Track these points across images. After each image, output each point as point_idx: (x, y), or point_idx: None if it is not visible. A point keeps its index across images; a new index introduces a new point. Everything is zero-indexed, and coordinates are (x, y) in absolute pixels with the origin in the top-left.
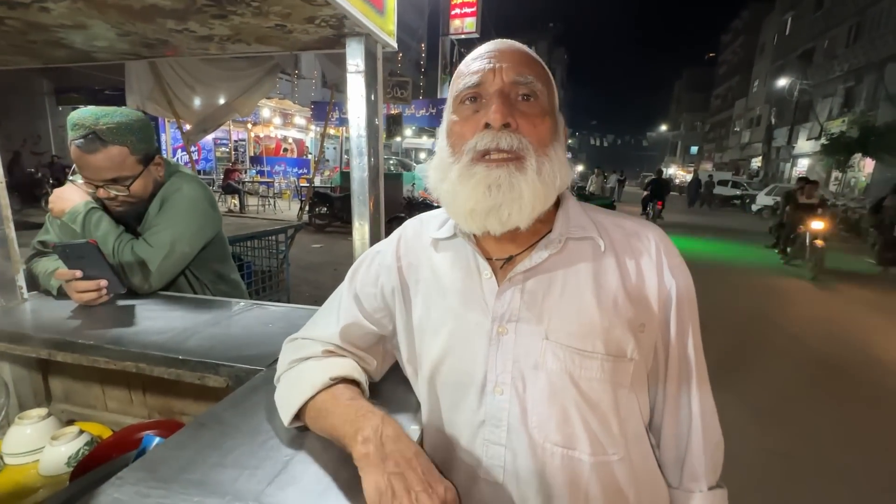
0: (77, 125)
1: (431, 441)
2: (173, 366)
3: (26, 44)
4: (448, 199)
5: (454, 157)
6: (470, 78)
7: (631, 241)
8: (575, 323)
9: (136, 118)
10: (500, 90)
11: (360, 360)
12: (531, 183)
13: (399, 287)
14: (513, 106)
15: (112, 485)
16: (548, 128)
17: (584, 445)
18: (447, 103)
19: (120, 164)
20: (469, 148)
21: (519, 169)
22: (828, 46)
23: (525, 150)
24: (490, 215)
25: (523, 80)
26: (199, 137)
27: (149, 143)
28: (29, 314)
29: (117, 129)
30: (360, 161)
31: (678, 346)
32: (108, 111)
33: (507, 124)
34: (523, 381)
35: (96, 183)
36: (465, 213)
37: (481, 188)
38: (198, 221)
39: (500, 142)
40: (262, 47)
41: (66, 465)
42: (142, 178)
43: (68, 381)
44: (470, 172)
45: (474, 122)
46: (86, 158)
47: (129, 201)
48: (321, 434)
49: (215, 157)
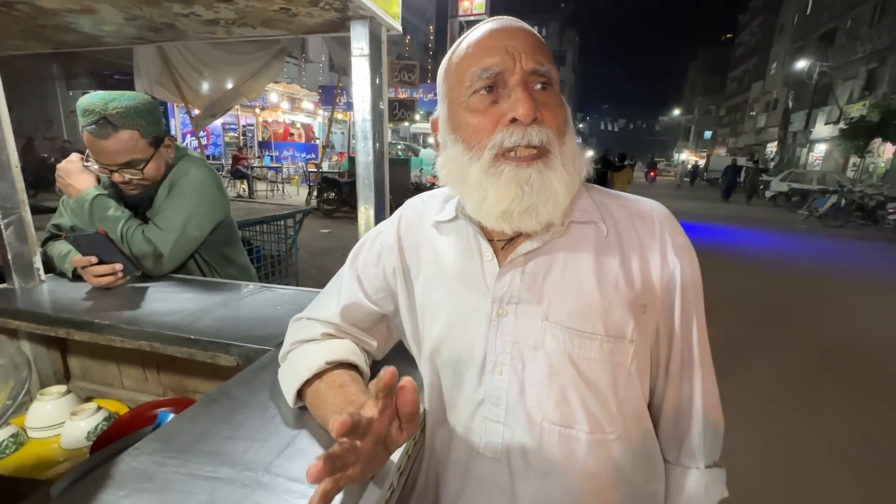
0: (87, 111)
1: (433, 418)
2: (185, 345)
3: (36, 28)
4: (477, 198)
5: (471, 151)
6: (484, 66)
7: (635, 222)
8: (575, 304)
9: (144, 101)
10: (521, 80)
11: (360, 340)
12: (561, 177)
13: (400, 267)
14: (534, 97)
15: (130, 454)
16: (564, 117)
17: (581, 424)
18: (447, 89)
19: (132, 147)
20: (493, 144)
21: (547, 165)
22: (851, 26)
23: (550, 144)
24: (525, 215)
25: (541, 68)
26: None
27: (158, 126)
28: (46, 295)
29: (126, 113)
30: (365, 145)
31: (682, 326)
32: (115, 95)
33: (535, 118)
34: (522, 361)
35: (111, 167)
36: (496, 215)
37: (513, 188)
38: (207, 204)
39: (531, 138)
40: (268, 31)
41: (86, 439)
42: (154, 161)
43: (86, 360)
44: (496, 171)
45: (494, 114)
46: (99, 144)
47: (143, 184)
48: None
49: (224, 142)
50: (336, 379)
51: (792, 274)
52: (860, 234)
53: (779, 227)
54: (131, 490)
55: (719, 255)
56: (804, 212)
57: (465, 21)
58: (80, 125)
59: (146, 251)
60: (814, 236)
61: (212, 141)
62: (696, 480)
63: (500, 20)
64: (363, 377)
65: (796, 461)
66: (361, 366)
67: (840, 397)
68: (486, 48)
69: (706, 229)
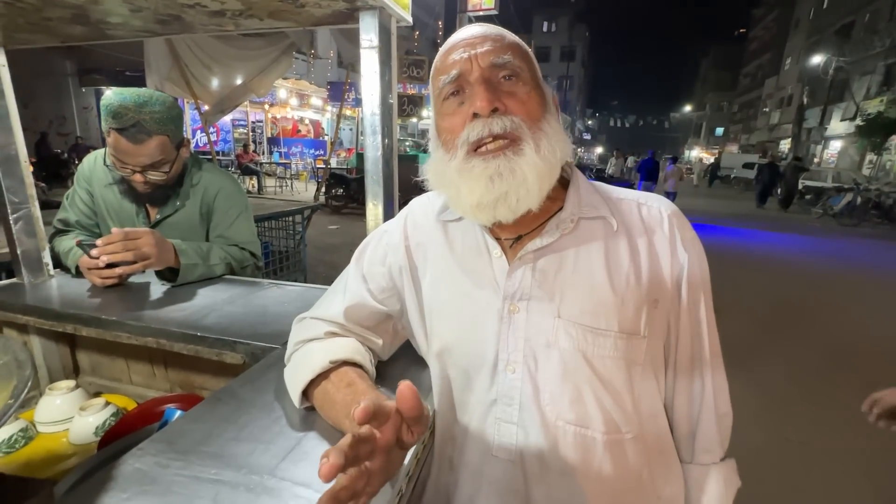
0: (119, 113)
1: (443, 419)
2: (192, 342)
3: (42, 21)
4: (452, 196)
5: (449, 153)
6: (447, 72)
7: (643, 217)
8: (588, 300)
9: (173, 105)
10: (480, 77)
11: (365, 339)
12: (532, 163)
13: (407, 266)
14: (497, 89)
15: (133, 455)
16: (536, 102)
17: (597, 424)
18: (432, 105)
19: (160, 152)
20: (462, 141)
21: (516, 152)
22: (869, 20)
23: (519, 130)
24: (498, 205)
25: (501, 60)
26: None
27: (182, 130)
28: (55, 290)
29: (161, 120)
30: (373, 140)
31: (690, 320)
32: (146, 98)
33: (496, 109)
34: (535, 359)
35: (134, 168)
36: (471, 207)
37: (483, 181)
38: (250, 206)
39: (492, 127)
40: (276, 23)
41: (94, 434)
42: (176, 163)
43: (95, 355)
44: (468, 166)
45: (461, 114)
46: (130, 147)
47: (159, 184)
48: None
49: (233, 138)
50: (343, 377)
51: (806, 273)
52: (877, 233)
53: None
54: (134, 493)
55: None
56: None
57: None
58: (108, 125)
59: (248, 261)
60: (828, 235)
61: (221, 137)
62: (717, 476)
63: (463, 30)
64: (369, 376)
65: (809, 463)
66: (366, 365)
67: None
68: (449, 56)
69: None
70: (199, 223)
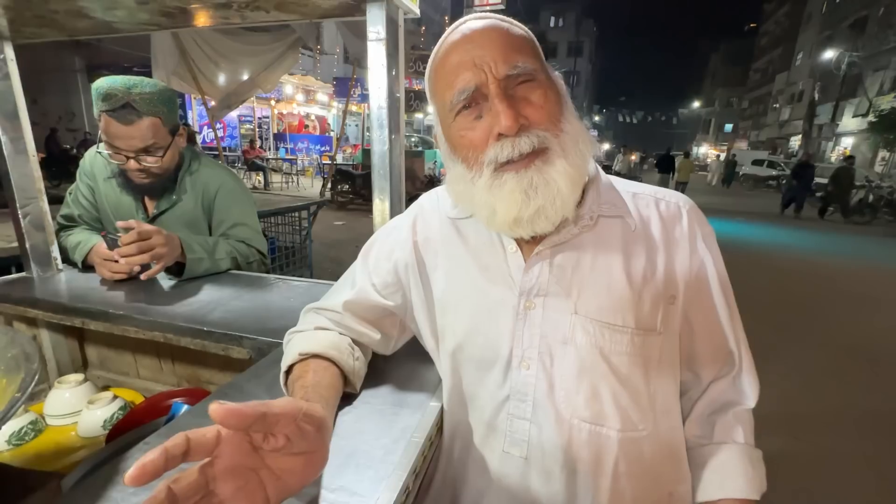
0: (109, 95)
1: (453, 416)
2: (198, 336)
3: (49, 14)
4: (487, 215)
5: (472, 171)
6: (458, 85)
7: (662, 213)
8: (605, 297)
9: (164, 88)
10: (499, 92)
11: (360, 333)
12: (563, 172)
13: (414, 263)
14: (515, 100)
15: (140, 449)
16: (553, 101)
17: (613, 421)
18: (433, 98)
19: (153, 134)
20: (489, 160)
21: (546, 162)
22: (883, 14)
23: (545, 141)
24: (536, 219)
25: (515, 70)
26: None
27: (176, 114)
28: (64, 284)
29: (151, 100)
30: (380, 134)
31: (714, 314)
32: (136, 81)
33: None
34: (551, 356)
35: (128, 154)
36: (509, 223)
37: (518, 195)
38: (251, 201)
39: (521, 147)
40: (282, 15)
41: (102, 427)
42: (171, 149)
43: (103, 349)
44: (499, 182)
45: (482, 129)
46: (121, 129)
47: (156, 173)
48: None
49: (240, 133)
50: (297, 372)
51: (814, 271)
52: (889, 231)
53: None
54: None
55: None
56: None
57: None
58: (98, 108)
59: (254, 255)
60: (840, 233)
61: (228, 133)
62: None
63: (464, 26)
64: (341, 369)
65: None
66: (336, 357)
67: (864, 398)
68: (457, 66)
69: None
70: (201, 218)
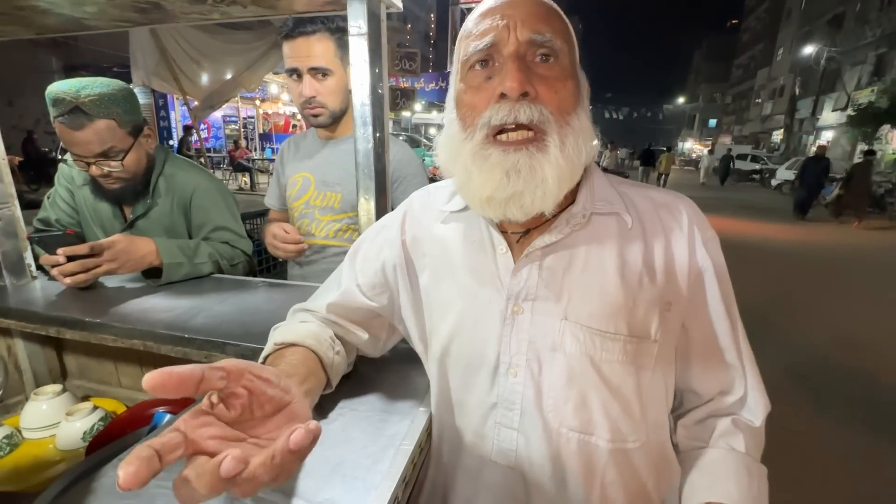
0: (57, 100)
1: (440, 422)
2: (180, 344)
3: (14, 11)
4: (462, 180)
5: (466, 132)
6: (479, 38)
7: (660, 214)
8: (597, 302)
9: (119, 87)
10: (515, 52)
11: (347, 331)
12: (554, 163)
13: (403, 262)
14: (530, 70)
15: (115, 466)
16: (570, 92)
17: (602, 431)
18: (454, 68)
19: (109, 137)
20: (483, 122)
21: (540, 149)
22: (860, 10)
23: (546, 123)
24: (510, 203)
25: (541, 38)
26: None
27: (136, 114)
28: (39, 292)
29: (100, 101)
30: (364, 132)
31: (724, 322)
32: (86, 82)
33: (526, 93)
34: (539, 363)
35: (87, 160)
36: (481, 200)
37: (498, 174)
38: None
39: (518, 114)
40: (259, 10)
41: (82, 439)
42: (134, 151)
43: (82, 358)
44: (484, 154)
45: (487, 90)
46: (72, 135)
47: (123, 177)
48: None
49: (225, 134)
50: (270, 361)
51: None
52: (868, 224)
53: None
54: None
55: None
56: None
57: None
58: (51, 115)
59: (240, 258)
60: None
61: (212, 133)
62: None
63: None
64: (321, 360)
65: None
66: (314, 346)
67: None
68: (484, 18)
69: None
70: (179, 222)
